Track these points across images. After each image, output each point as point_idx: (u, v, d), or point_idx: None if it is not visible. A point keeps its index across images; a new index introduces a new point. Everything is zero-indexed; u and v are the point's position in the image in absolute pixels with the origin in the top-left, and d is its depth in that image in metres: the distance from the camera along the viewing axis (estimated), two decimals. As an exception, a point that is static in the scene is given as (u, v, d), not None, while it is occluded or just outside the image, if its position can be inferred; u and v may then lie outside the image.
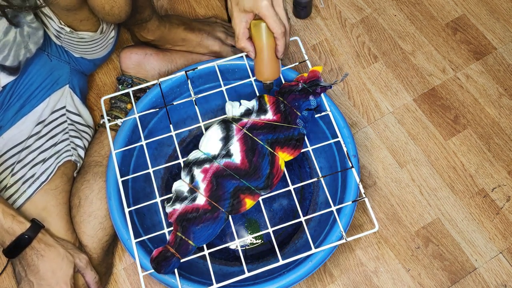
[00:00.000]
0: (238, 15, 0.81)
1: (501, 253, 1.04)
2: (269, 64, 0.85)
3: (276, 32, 0.80)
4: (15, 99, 1.00)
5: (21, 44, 0.93)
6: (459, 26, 1.25)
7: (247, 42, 0.83)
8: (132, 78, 1.12)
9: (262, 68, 0.85)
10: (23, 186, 0.95)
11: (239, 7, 0.80)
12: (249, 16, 0.81)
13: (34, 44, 0.96)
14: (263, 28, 0.80)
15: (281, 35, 0.80)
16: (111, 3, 0.89)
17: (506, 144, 1.13)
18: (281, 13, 0.80)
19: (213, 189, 0.86)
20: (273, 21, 0.79)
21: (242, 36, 0.82)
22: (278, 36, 0.80)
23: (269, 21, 0.79)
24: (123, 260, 1.07)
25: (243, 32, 0.82)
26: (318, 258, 0.85)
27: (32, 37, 0.94)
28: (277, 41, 0.81)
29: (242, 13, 0.81)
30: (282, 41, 0.82)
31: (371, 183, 1.11)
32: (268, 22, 0.79)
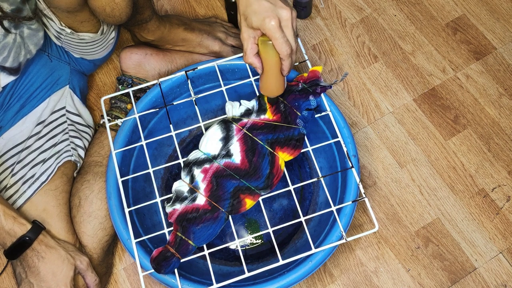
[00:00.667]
0: (246, 30, 0.80)
1: (501, 253, 1.04)
2: (274, 81, 0.85)
3: (282, 53, 0.79)
4: (15, 100, 1.00)
5: (21, 45, 0.93)
6: (459, 26, 1.25)
7: (254, 58, 0.82)
8: (132, 78, 1.12)
9: (268, 85, 0.85)
10: (23, 187, 0.95)
11: (247, 23, 0.80)
12: (257, 33, 0.80)
13: (34, 45, 0.96)
14: (270, 47, 0.80)
15: (287, 56, 0.79)
16: (112, 5, 0.89)
17: (506, 144, 1.13)
18: (289, 34, 0.79)
19: (213, 189, 0.86)
20: (280, 42, 0.78)
21: (250, 52, 0.81)
22: (283, 57, 0.79)
23: (276, 42, 0.78)
24: (123, 260, 1.07)
25: (251, 48, 0.81)
26: (318, 258, 0.85)
27: (32, 38, 0.94)
28: (282, 61, 0.80)
29: (250, 29, 0.80)
30: (288, 61, 0.81)
31: (371, 183, 1.11)
32: (275, 43, 0.78)
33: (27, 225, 0.87)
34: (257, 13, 0.77)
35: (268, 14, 0.76)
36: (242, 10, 0.80)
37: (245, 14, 0.79)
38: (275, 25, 0.76)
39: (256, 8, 0.77)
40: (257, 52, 0.82)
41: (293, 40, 0.79)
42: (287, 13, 0.77)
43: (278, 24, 0.77)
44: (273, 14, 0.76)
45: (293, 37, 0.79)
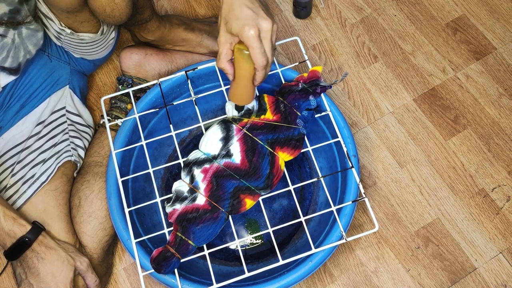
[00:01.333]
0: (224, 35, 0.79)
1: (501, 253, 1.04)
2: (245, 90, 0.84)
3: (257, 63, 0.78)
4: (15, 100, 1.00)
5: (20, 46, 0.93)
6: (459, 26, 1.25)
7: (227, 64, 0.81)
8: (132, 78, 1.12)
9: (238, 93, 0.85)
10: (23, 187, 0.95)
11: (227, 27, 0.78)
12: (234, 39, 0.79)
13: (33, 45, 0.96)
14: (245, 55, 0.78)
15: (261, 67, 0.78)
16: (112, 6, 0.89)
17: (506, 144, 1.13)
18: (266, 45, 0.78)
19: (213, 189, 0.86)
20: (257, 52, 0.76)
21: (224, 57, 0.80)
22: (258, 68, 0.78)
23: (253, 52, 0.76)
24: (123, 260, 1.07)
25: (226, 53, 0.80)
26: (318, 258, 0.85)
27: (31, 38, 0.94)
28: (256, 71, 0.79)
29: (228, 34, 0.78)
30: (261, 73, 0.80)
31: (371, 183, 1.11)
32: (251, 53, 0.77)
33: (26, 226, 0.87)
34: (238, 19, 0.76)
35: (249, 22, 0.75)
36: (224, 14, 0.79)
37: (226, 19, 0.78)
38: (254, 35, 0.75)
39: (238, 14, 0.76)
40: (231, 58, 0.81)
41: (270, 53, 0.78)
42: (268, 25, 0.76)
43: (257, 34, 0.76)
44: (253, 23, 0.75)
45: (270, 49, 0.78)
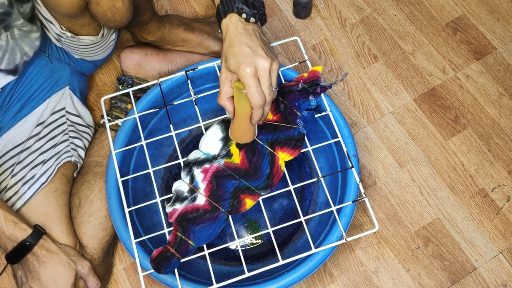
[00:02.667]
0: (224, 72, 0.79)
1: (501, 253, 1.04)
2: (243, 128, 0.83)
3: (253, 102, 0.77)
4: (15, 101, 1.00)
5: (15, 47, 0.92)
6: (459, 26, 1.25)
7: (227, 101, 0.80)
8: (132, 78, 1.12)
9: (237, 131, 0.84)
10: (23, 187, 0.95)
11: (226, 64, 0.78)
12: (234, 77, 0.79)
13: (29, 47, 0.95)
14: (243, 94, 0.78)
15: (257, 106, 0.77)
16: (113, 11, 0.89)
17: (506, 144, 1.13)
18: (264, 84, 0.76)
19: (213, 189, 0.86)
20: (252, 92, 0.75)
21: (224, 95, 0.80)
22: (254, 107, 0.77)
23: (248, 90, 0.76)
24: (123, 260, 1.07)
25: (226, 90, 0.80)
26: (318, 258, 0.85)
27: (25, 40, 0.93)
28: (253, 110, 0.79)
29: (228, 71, 0.78)
30: (258, 112, 0.78)
31: (371, 183, 1.11)
32: (247, 91, 0.76)
33: (27, 230, 0.87)
34: (235, 57, 0.76)
35: (245, 60, 0.75)
36: (224, 50, 0.79)
37: (226, 55, 0.78)
38: (250, 73, 0.75)
39: (237, 51, 0.76)
40: (232, 96, 0.80)
41: (268, 91, 0.77)
42: (265, 63, 0.75)
43: (254, 73, 0.75)
44: (250, 61, 0.75)
45: (268, 88, 0.77)
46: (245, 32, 0.78)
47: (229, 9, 0.79)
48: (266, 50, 0.78)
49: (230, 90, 0.80)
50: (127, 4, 0.90)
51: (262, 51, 0.76)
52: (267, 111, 0.80)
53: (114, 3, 0.88)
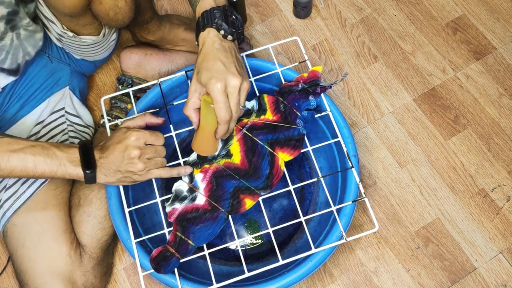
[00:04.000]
0: (194, 83, 0.81)
1: (501, 253, 1.04)
2: (206, 141, 0.84)
3: (219, 117, 0.78)
4: (15, 100, 1.00)
5: (18, 47, 0.92)
6: (459, 26, 1.25)
7: (193, 112, 0.82)
8: (132, 78, 1.12)
9: (199, 143, 0.85)
10: (23, 186, 0.95)
11: (197, 76, 0.80)
12: (203, 90, 0.80)
13: (32, 47, 0.96)
14: (210, 108, 0.79)
15: (223, 121, 0.78)
16: (115, 10, 0.90)
17: (506, 144, 1.13)
18: (232, 101, 0.78)
19: (213, 189, 0.86)
20: (220, 107, 0.77)
21: (191, 106, 0.81)
22: (220, 122, 0.79)
23: (216, 105, 0.77)
24: (123, 260, 1.07)
25: (193, 101, 0.81)
26: (318, 258, 0.85)
27: (29, 40, 0.94)
28: (218, 125, 0.80)
29: (198, 84, 0.80)
30: (224, 127, 0.80)
31: (371, 183, 1.11)
32: (215, 106, 0.77)
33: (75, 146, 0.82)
34: (208, 71, 0.77)
35: (217, 75, 0.76)
36: (198, 63, 0.80)
37: (199, 68, 0.80)
38: (220, 89, 0.76)
39: (210, 66, 0.78)
40: (198, 107, 0.81)
41: (235, 109, 0.78)
42: (236, 81, 0.77)
43: (223, 89, 0.76)
44: (221, 77, 0.76)
45: (236, 105, 0.78)
46: (221, 48, 0.79)
47: (208, 24, 0.80)
48: (239, 68, 0.79)
49: (197, 102, 0.81)
50: (129, 3, 0.91)
51: (234, 68, 0.78)
52: (231, 127, 0.82)
53: (116, 2, 0.89)
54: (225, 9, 0.82)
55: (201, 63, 0.80)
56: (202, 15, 0.82)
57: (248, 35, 1.26)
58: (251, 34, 1.26)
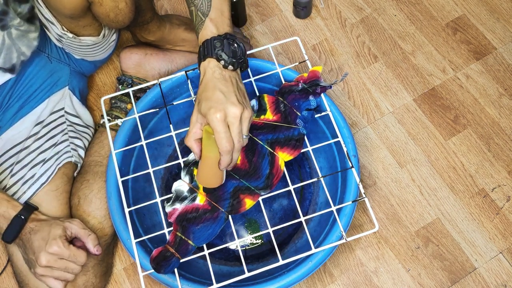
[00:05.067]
0: (195, 114, 0.80)
1: (501, 253, 1.04)
2: (210, 173, 0.82)
3: (220, 147, 0.77)
4: (14, 100, 1.00)
5: (11, 47, 0.92)
6: (459, 26, 1.25)
7: (194, 143, 0.81)
8: (132, 78, 1.12)
9: (203, 175, 0.83)
10: (23, 187, 0.95)
11: (198, 107, 0.79)
12: (204, 120, 0.79)
13: (27, 47, 0.95)
14: (211, 138, 0.78)
15: (225, 152, 0.77)
16: (115, 11, 0.90)
17: (506, 144, 1.13)
18: (234, 131, 0.76)
19: (213, 189, 0.86)
20: (220, 137, 0.76)
21: (192, 136, 0.80)
22: (222, 152, 0.77)
23: (216, 135, 0.76)
24: (123, 260, 1.07)
25: (195, 132, 0.80)
26: (318, 258, 0.85)
27: (22, 40, 0.93)
28: (221, 156, 0.78)
29: (199, 114, 0.79)
30: (226, 158, 0.78)
31: (371, 183, 1.11)
32: (215, 136, 0.76)
33: (20, 206, 0.88)
34: (207, 101, 0.77)
35: (216, 105, 0.76)
36: (198, 93, 0.80)
37: (199, 98, 0.79)
38: (219, 119, 0.75)
39: (209, 96, 0.77)
40: (200, 138, 0.81)
41: (237, 138, 0.77)
42: (236, 111, 0.76)
43: (223, 118, 0.75)
44: (221, 107, 0.76)
45: (238, 135, 0.77)
46: (221, 78, 0.79)
47: (208, 54, 0.80)
48: (240, 97, 0.78)
49: (199, 132, 0.80)
50: (129, 5, 0.91)
51: (234, 98, 0.77)
52: (235, 158, 0.80)
53: (117, 4, 0.89)
54: (227, 38, 0.81)
55: (201, 93, 0.79)
56: (203, 44, 0.81)
57: (248, 35, 1.26)
58: (251, 34, 1.26)
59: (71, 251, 0.84)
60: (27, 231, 0.87)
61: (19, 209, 0.88)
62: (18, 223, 0.87)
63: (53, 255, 0.84)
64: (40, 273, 0.85)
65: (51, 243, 0.84)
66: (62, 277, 0.85)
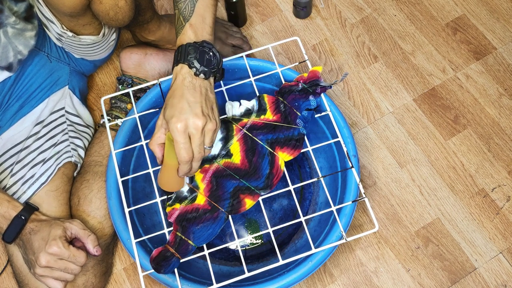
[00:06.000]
0: (161, 118, 0.80)
1: (501, 253, 1.04)
2: (169, 178, 0.83)
3: (178, 157, 0.77)
4: (14, 100, 1.00)
5: (7, 45, 0.92)
6: (459, 26, 1.25)
7: (157, 147, 0.81)
8: (132, 78, 1.12)
9: (162, 178, 0.84)
10: (23, 187, 0.95)
11: (163, 112, 0.79)
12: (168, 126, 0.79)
13: (23, 46, 0.95)
14: (172, 146, 0.78)
15: (183, 161, 0.77)
16: (115, 10, 0.90)
17: (506, 144, 1.13)
18: (194, 142, 0.76)
19: (213, 189, 0.86)
20: (179, 147, 0.76)
21: (155, 140, 0.81)
22: (180, 162, 0.78)
23: (175, 145, 0.76)
24: (123, 260, 1.07)
25: (158, 136, 0.80)
26: (318, 258, 0.85)
27: (19, 38, 0.93)
28: (179, 164, 0.79)
29: (164, 120, 0.79)
30: (184, 167, 0.78)
31: (371, 183, 1.11)
32: (175, 146, 0.76)
33: (21, 206, 0.88)
34: (171, 108, 0.77)
35: (179, 115, 0.75)
36: (166, 98, 0.80)
37: (166, 103, 0.79)
38: (179, 129, 0.75)
39: (175, 103, 0.77)
40: (163, 142, 0.81)
41: (197, 149, 0.77)
42: (198, 122, 0.76)
43: (183, 129, 0.75)
44: (183, 117, 0.75)
45: (198, 146, 0.77)
46: (190, 86, 0.78)
47: (181, 60, 0.79)
48: (206, 108, 0.78)
49: (162, 137, 0.81)
50: (129, 3, 0.91)
51: (199, 109, 0.76)
52: (195, 167, 0.80)
53: (116, 2, 0.89)
54: (203, 45, 0.80)
55: (168, 99, 0.79)
56: (177, 49, 0.81)
57: (248, 35, 1.26)
58: (251, 34, 1.26)
59: (71, 252, 0.84)
60: (28, 232, 0.87)
61: (19, 209, 0.88)
62: (19, 223, 0.87)
63: (52, 255, 0.83)
64: (39, 274, 0.84)
65: (51, 244, 0.83)
66: (62, 277, 0.85)
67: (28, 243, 0.86)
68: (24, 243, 0.87)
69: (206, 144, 0.79)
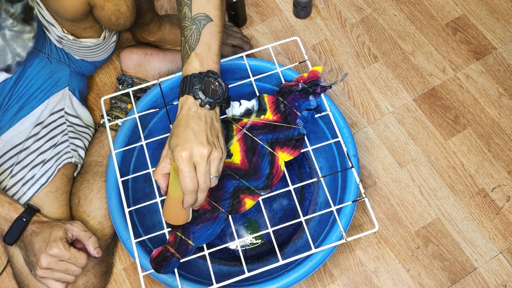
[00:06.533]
0: (166, 148, 0.80)
1: (501, 253, 1.04)
2: (174, 210, 0.81)
3: (183, 187, 0.76)
4: (14, 101, 1.00)
5: (5, 48, 0.92)
6: (459, 26, 1.25)
7: (161, 177, 0.80)
8: (132, 78, 1.12)
9: (167, 211, 0.82)
10: (23, 188, 0.95)
11: (169, 142, 0.79)
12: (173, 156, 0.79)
13: (22, 48, 0.94)
14: (177, 177, 0.77)
15: (187, 191, 0.76)
16: (117, 15, 0.90)
17: (506, 144, 1.13)
18: (200, 171, 0.75)
19: (213, 189, 0.86)
20: (184, 176, 0.75)
21: (160, 170, 0.80)
22: (184, 192, 0.77)
23: (180, 174, 0.75)
24: (123, 260, 1.07)
25: (163, 166, 0.80)
26: (318, 258, 0.85)
27: (17, 40, 0.93)
28: (184, 195, 0.77)
29: (169, 149, 0.79)
30: (189, 197, 0.77)
31: (371, 183, 1.11)
32: (179, 175, 0.75)
33: (22, 208, 0.88)
34: (177, 137, 0.76)
35: (184, 144, 0.75)
36: (172, 128, 0.79)
37: (171, 133, 0.79)
38: (184, 158, 0.74)
39: (180, 132, 0.77)
40: (168, 172, 0.80)
41: (203, 179, 0.76)
42: (203, 151, 0.75)
43: (188, 158, 0.75)
44: (188, 146, 0.75)
45: (204, 175, 0.76)
46: (195, 116, 0.78)
47: (186, 91, 0.79)
48: (211, 137, 0.77)
49: (167, 167, 0.80)
50: (131, 8, 0.91)
51: (204, 137, 0.76)
52: (201, 198, 0.79)
53: (118, 8, 0.89)
54: (208, 76, 0.80)
55: (174, 128, 0.78)
56: (183, 80, 0.81)
57: (248, 35, 1.26)
58: (251, 34, 1.26)
59: (72, 253, 0.84)
60: (29, 233, 0.87)
61: (21, 211, 0.88)
62: (20, 225, 0.87)
63: (53, 257, 0.83)
64: (40, 275, 0.84)
65: (52, 245, 0.83)
66: (63, 279, 0.85)
67: (29, 244, 0.86)
68: (25, 244, 0.87)
69: (212, 173, 0.77)
